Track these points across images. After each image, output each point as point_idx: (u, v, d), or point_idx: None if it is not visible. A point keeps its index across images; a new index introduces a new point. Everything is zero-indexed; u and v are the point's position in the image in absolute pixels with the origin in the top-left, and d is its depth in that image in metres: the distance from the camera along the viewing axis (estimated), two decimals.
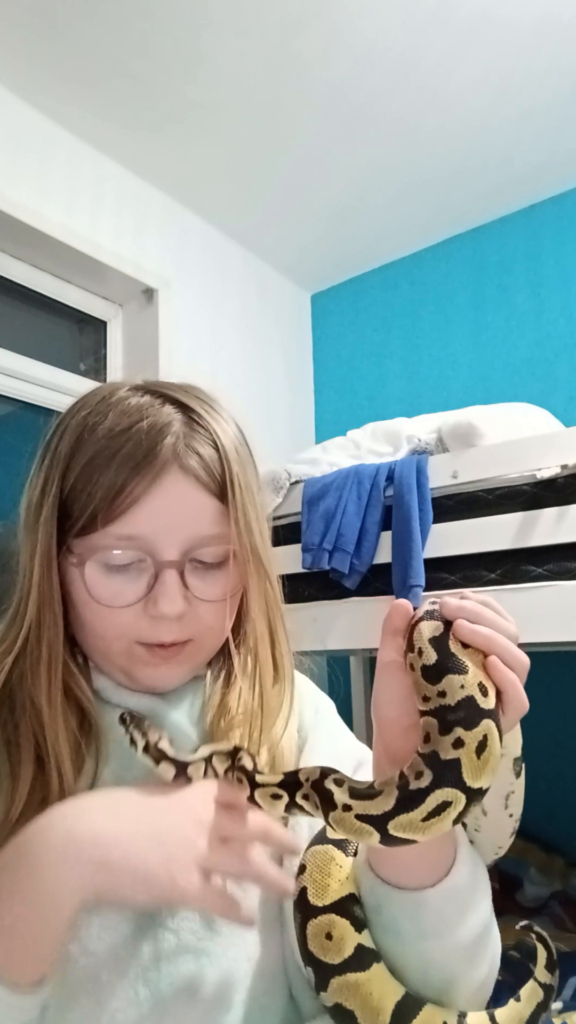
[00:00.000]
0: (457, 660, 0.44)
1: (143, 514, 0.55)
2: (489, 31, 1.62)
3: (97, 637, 0.59)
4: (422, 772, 0.42)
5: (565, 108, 1.87)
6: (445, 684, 0.43)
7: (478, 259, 2.34)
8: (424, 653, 0.45)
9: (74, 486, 0.57)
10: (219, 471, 0.58)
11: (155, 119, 1.87)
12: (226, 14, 1.56)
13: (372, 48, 1.66)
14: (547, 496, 1.32)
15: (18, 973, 0.43)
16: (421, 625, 0.47)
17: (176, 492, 0.56)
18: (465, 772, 0.42)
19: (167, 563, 0.56)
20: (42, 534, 0.57)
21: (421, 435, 1.61)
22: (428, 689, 0.44)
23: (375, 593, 1.50)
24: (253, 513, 0.60)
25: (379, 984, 0.50)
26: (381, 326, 2.55)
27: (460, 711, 0.42)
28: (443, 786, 0.42)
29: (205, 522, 0.58)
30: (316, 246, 2.46)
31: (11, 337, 1.88)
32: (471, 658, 0.44)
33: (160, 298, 2.09)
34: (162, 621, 0.57)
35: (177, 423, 0.58)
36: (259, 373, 2.44)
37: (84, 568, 0.56)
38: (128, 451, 0.56)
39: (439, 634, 0.46)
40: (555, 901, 1.72)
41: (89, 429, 0.58)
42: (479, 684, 0.43)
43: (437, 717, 0.43)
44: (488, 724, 0.43)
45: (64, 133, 1.89)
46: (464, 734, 0.42)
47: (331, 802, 0.45)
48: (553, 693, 1.99)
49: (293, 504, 1.67)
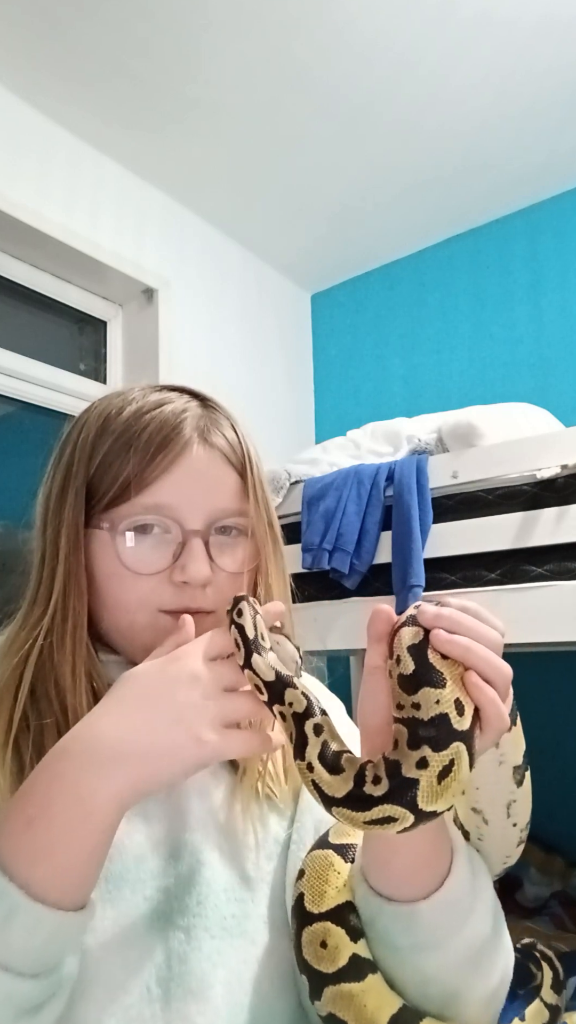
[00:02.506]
0: (435, 672, 0.42)
1: (170, 484, 0.58)
2: (489, 31, 1.62)
3: (121, 610, 0.60)
4: (380, 778, 0.41)
5: (565, 108, 1.86)
6: (421, 696, 0.42)
7: (478, 259, 2.34)
8: (402, 661, 0.43)
9: (100, 465, 0.59)
10: (239, 449, 0.63)
11: (155, 119, 1.87)
12: (226, 14, 1.56)
13: (372, 48, 1.66)
14: (547, 496, 1.32)
15: (64, 896, 0.43)
16: (402, 631, 0.45)
17: (201, 464, 0.60)
18: (421, 795, 0.40)
19: (193, 532, 0.59)
20: (69, 513, 0.59)
21: (421, 435, 1.61)
22: (403, 698, 0.43)
23: (375, 593, 1.50)
24: (267, 494, 0.65)
25: (375, 996, 0.49)
26: (381, 326, 2.55)
27: (431, 728, 0.41)
28: (394, 803, 0.40)
29: (227, 495, 0.61)
30: (316, 246, 2.46)
31: (11, 337, 1.88)
32: (450, 670, 0.42)
33: (160, 298, 2.09)
34: (186, 589, 0.58)
35: (196, 407, 0.63)
36: (259, 373, 2.44)
37: (116, 533, 0.58)
38: (155, 427, 0.59)
39: (418, 642, 0.44)
40: (555, 901, 1.72)
41: (112, 417, 0.61)
42: (456, 701, 0.41)
43: (408, 728, 0.42)
44: (458, 748, 0.41)
45: (64, 133, 1.89)
46: (431, 755, 0.40)
47: (301, 750, 0.44)
48: (553, 693, 1.99)
49: (293, 504, 1.67)
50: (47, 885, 0.42)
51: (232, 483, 0.62)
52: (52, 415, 1.95)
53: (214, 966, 0.52)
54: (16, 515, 0.66)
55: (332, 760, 0.44)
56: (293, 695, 0.46)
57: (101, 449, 0.60)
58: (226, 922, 0.54)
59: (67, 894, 0.43)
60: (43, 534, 0.62)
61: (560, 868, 1.84)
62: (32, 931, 0.41)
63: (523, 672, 1.88)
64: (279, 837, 0.61)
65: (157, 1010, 0.50)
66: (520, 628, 1.30)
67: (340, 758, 0.44)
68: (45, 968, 0.43)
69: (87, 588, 0.60)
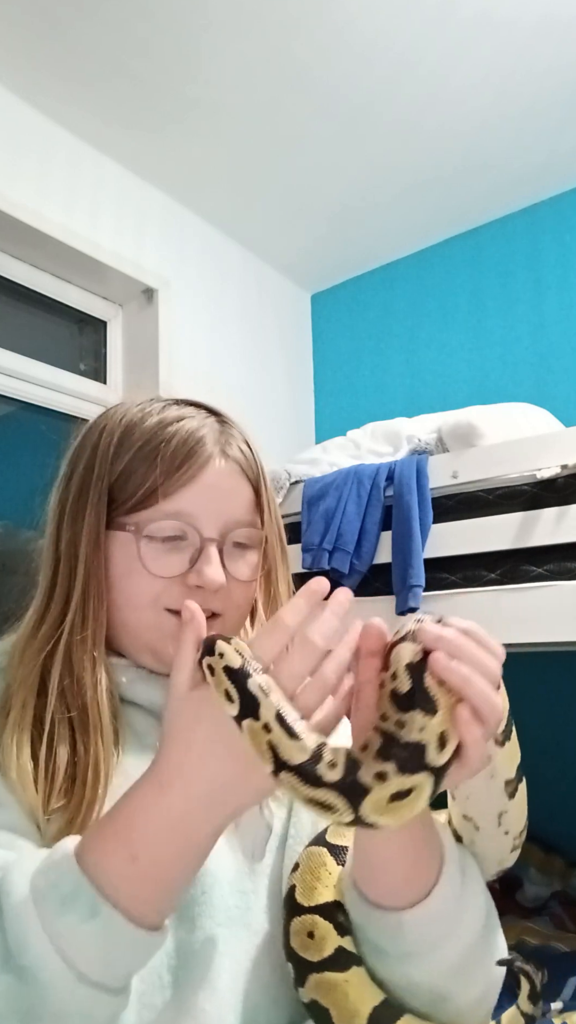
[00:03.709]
0: (428, 698, 0.41)
1: (193, 494, 0.62)
2: (489, 31, 1.62)
3: (132, 607, 0.62)
4: (336, 765, 0.40)
5: (565, 108, 1.86)
6: (408, 718, 0.40)
7: (478, 259, 2.34)
8: (398, 678, 0.42)
9: (124, 470, 0.62)
10: (254, 464, 0.67)
11: (155, 119, 1.87)
12: (226, 14, 1.56)
13: (372, 48, 1.66)
14: (547, 496, 1.32)
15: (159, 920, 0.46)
16: (402, 647, 0.43)
17: (221, 476, 0.64)
18: (366, 805, 0.39)
19: (210, 539, 0.62)
20: (91, 515, 0.62)
21: (421, 435, 1.61)
22: (391, 711, 0.42)
23: (375, 593, 1.50)
24: (276, 506, 0.69)
25: (357, 987, 0.50)
26: (381, 326, 2.55)
27: (405, 752, 0.40)
28: (341, 795, 0.39)
29: (242, 507, 0.65)
30: (316, 246, 2.46)
31: (11, 337, 1.88)
32: (444, 698, 0.41)
33: (160, 298, 2.09)
34: (198, 592, 0.61)
35: (214, 423, 0.66)
36: (259, 373, 2.44)
37: (140, 536, 0.61)
38: (181, 439, 0.62)
39: (417, 661, 0.42)
40: (555, 901, 1.72)
41: (135, 425, 0.64)
42: (440, 735, 0.40)
43: (383, 740, 0.41)
44: (422, 780, 0.39)
45: (64, 133, 1.89)
46: (392, 773, 0.39)
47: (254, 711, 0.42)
48: (553, 693, 1.99)
49: (293, 504, 1.67)
50: (147, 911, 0.44)
51: (247, 496, 0.65)
52: (52, 415, 1.94)
53: (220, 955, 0.54)
54: (16, 515, 0.67)
55: (290, 722, 0.42)
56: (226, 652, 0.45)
57: (125, 455, 0.62)
58: (231, 912, 0.56)
59: (162, 917, 0.46)
60: (58, 534, 0.64)
61: (560, 868, 1.84)
62: (134, 955, 0.44)
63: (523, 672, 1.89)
64: (277, 830, 0.62)
65: (168, 997, 0.52)
66: (520, 628, 1.30)
67: (299, 723, 0.42)
68: (127, 983, 0.46)
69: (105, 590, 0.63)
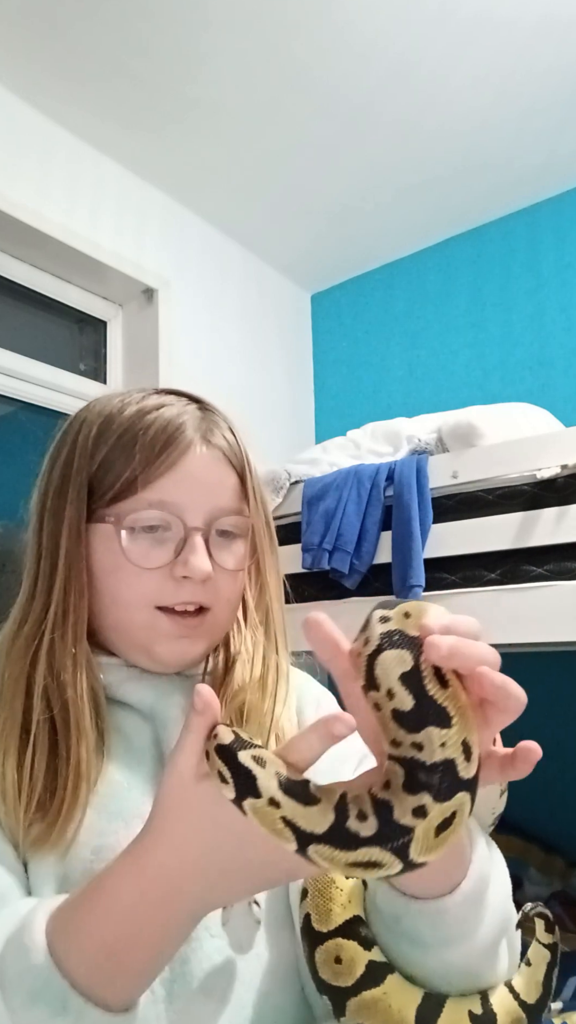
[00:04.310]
0: (439, 709, 0.37)
1: (174, 482, 0.60)
2: (489, 31, 1.62)
3: (120, 607, 0.60)
4: (367, 816, 0.36)
5: (565, 108, 1.86)
6: (423, 737, 0.36)
7: (478, 259, 2.34)
8: (395, 696, 0.37)
9: (104, 462, 0.60)
10: (238, 451, 0.64)
11: (155, 119, 1.87)
12: (226, 14, 1.56)
13: (372, 48, 1.66)
14: (547, 496, 1.32)
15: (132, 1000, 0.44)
16: (385, 659, 0.38)
17: (204, 463, 0.61)
18: (415, 847, 0.35)
19: (195, 528, 0.60)
20: (71, 509, 0.60)
21: (421, 435, 1.61)
22: (400, 735, 0.37)
23: (375, 593, 1.50)
24: (264, 494, 0.67)
25: (397, 995, 0.48)
26: (381, 326, 2.55)
27: (435, 775, 0.36)
28: (383, 847, 0.36)
29: (227, 494, 0.62)
30: (316, 246, 2.46)
31: (11, 337, 1.88)
32: (453, 702, 0.37)
33: (160, 298, 2.09)
34: (186, 584, 0.59)
35: (195, 410, 0.64)
36: (259, 373, 2.44)
37: (121, 526, 0.59)
38: (159, 426, 0.60)
39: (409, 670, 0.37)
40: (555, 901, 1.72)
41: (113, 416, 0.62)
42: (463, 743, 0.36)
43: (406, 769, 0.37)
44: (463, 798, 0.36)
45: (64, 133, 1.89)
46: (431, 805, 0.35)
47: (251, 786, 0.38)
48: (553, 693, 1.99)
49: (293, 504, 1.67)
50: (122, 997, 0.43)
51: (232, 483, 0.63)
52: (52, 415, 1.95)
53: (215, 966, 0.52)
54: (16, 515, 0.67)
55: (299, 788, 0.38)
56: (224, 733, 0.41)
57: (104, 447, 0.60)
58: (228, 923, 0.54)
59: (137, 997, 0.44)
60: (40, 529, 0.62)
61: (560, 868, 1.84)
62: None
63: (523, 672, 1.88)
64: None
65: (161, 1011, 0.50)
66: (520, 628, 1.29)
67: (308, 785, 0.38)
68: None
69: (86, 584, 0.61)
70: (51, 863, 0.53)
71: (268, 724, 0.61)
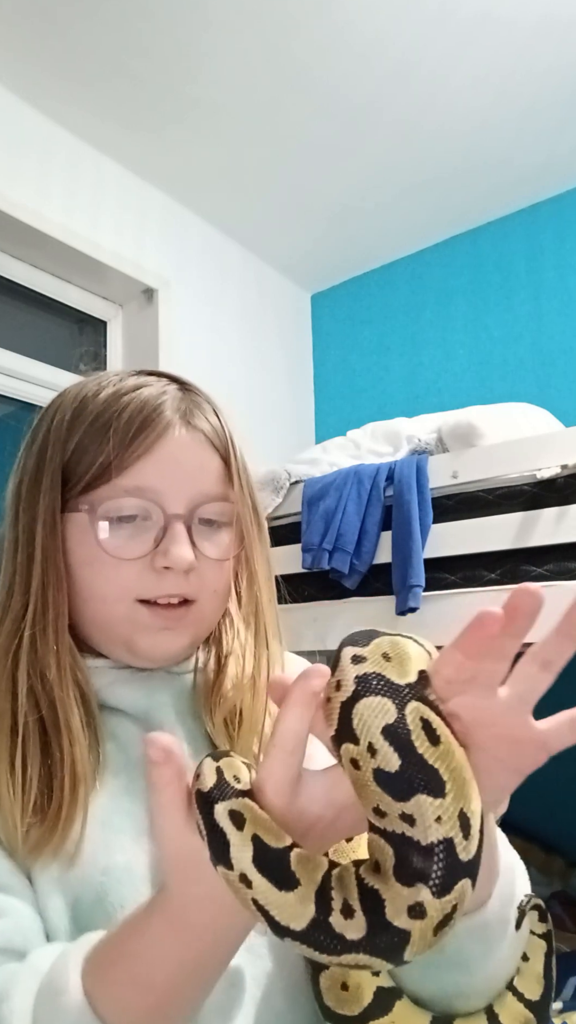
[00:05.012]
0: (430, 772, 0.31)
1: (151, 466, 0.56)
2: (489, 31, 1.62)
3: (99, 600, 0.57)
4: (353, 910, 0.31)
5: (565, 108, 1.87)
6: (414, 807, 0.31)
7: (478, 259, 2.34)
8: (378, 752, 0.32)
9: (77, 447, 0.57)
10: (222, 433, 0.60)
11: (155, 119, 1.87)
12: (226, 14, 1.56)
13: (372, 48, 1.66)
14: (547, 496, 1.32)
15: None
16: (363, 708, 0.33)
17: (183, 446, 0.57)
18: (410, 950, 0.30)
19: (175, 516, 0.56)
20: (45, 499, 0.56)
21: (421, 435, 1.61)
22: (386, 802, 0.31)
23: (375, 593, 1.50)
24: (250, 479, 0.62)
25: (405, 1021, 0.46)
26: (381, 326, 2.55)
27: (432, 861, 0.30)
28: (374, 955, 0.30)
29: (210, 479, 0.58)
30: (316, 246, 2.46)
31: (11, 337, 1.88)
32: (446, 762, 0.32)
33: (160, 298, 2.09)
34: (168, 575, 0.56)
35: (176, 391, 0.60)
36: (259, 373, 2.44)
37: (96, 515, 0.55)
38: (135, 407, 0.56)
39: (393, 722, 0.32)
40: (555, 901, 1.72)
41: (88, 399, 0.58)
42: (460, 815, 0.31)
43: (396, 850, 0.31)
44: (464, 887, 0.31)
45: (64, 133, 1.89)
46: (430, 902, 0.30)
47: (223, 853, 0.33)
48: (553, 693, 1.98)
49: (293, 504, 1.67)
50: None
51: (215, 467, 0.59)
52: None
53: (229, 984, 0.50)
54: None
55: (275, 865, 0.32)
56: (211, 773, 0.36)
57: (77, 432, 0.57)
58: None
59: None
60: (16, 521, 0.59)
61: (560, 868, 1.84)
62: None
63: None
64: None
65: None
66: None
67: (286, 860, 0.32)
68: None
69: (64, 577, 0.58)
70: (55, 873, 0.51)
71: (260, 725, 0.59)
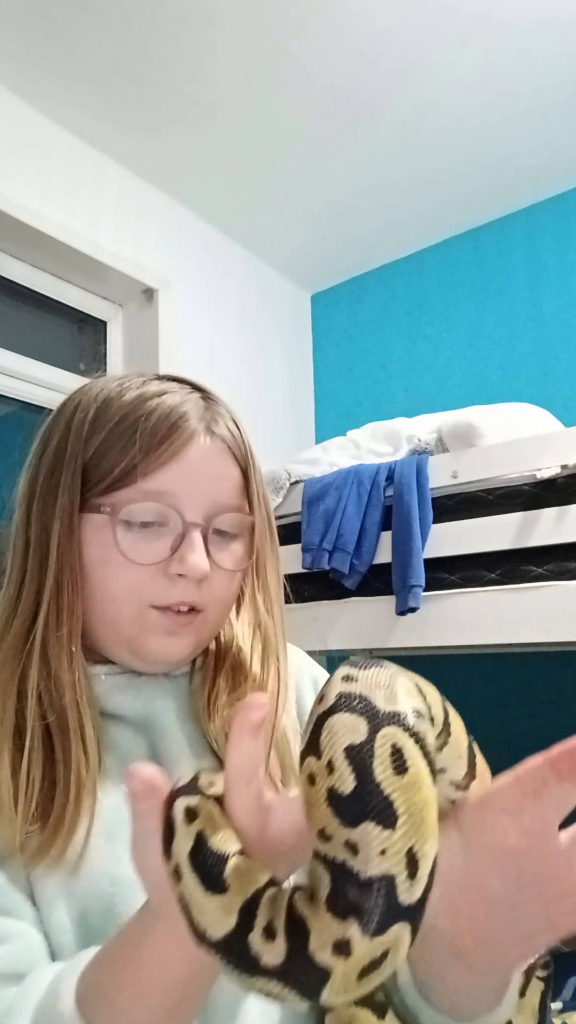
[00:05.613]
0: (383, 801, 0.28)
1: (175, 472, 0.56)
2: (489, 31, 1.62)
3: (109, 600, 0.56)
4: (275, 933, 0.28)
5: (565, 108, 1.87)
6: (359, 836, 0.28)
7: (478, 259, 2.34)
8: (335, 770, 0.29)
9: (100, 447, 0.56)
10: (242, 444, 0.61)
11: (155, 119, 1.87)
12: (226, 14, 1.56)
13: (372, 48, 1.66)
14: (547, 496, 1.32)
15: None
16: (334, 722, 0.30)
17: (206, 454, 0.58)
18: (329, 990, 0.27)
19: (193, 524, 0.56)
20: (64, 497, 0.56)
21: (421, 435, 1.61)
22: (333, 826, 0.28)
23: (375, 593, 1.50)
24: (265, 492, 0.63)
25: None
26: (381, 326, 2.55)
27: (368, 896, 0.27)
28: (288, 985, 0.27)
29: (228, 489, 0.59)
30: (316, 246, 2.46)
31: (11, 337, 1.88)
32: (406, 796, 0.28)
33: (160, 298, 2.09)
34: (180, 582, 0.56)
35: (199, 399, 0.60)
36: (259, 373, 2.44)
37: (117, 518, 0.55)
38: (162, 412, 0.57)
39: (359, 743, 0.29)
40: None
41: (112, 400, 0.58)
42: (409, 853, 0.28)
43: (333, 877, 0.28)
44: (399, 932, 0.27)
45: (64, 133, 1.89)
46: (359, 941, 0.27)
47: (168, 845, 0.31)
48: (553, 693, 1.99)
49: (293, 504, 1.67)
50: None
51: (234, 478, 0.59)
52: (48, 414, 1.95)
53: (238, 1000, 0.49)
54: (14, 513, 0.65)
55: (210, 864, 0.30)
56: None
57: (101, 431, 0.57)
58: None
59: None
60: (28, 518, 0.58)
61: None
62: None
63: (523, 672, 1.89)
64: None
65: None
66: (520, 628, 1.30)
67: (222, 863, 0.30)
68: None
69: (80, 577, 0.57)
70: (58, 884, 0.50)
71: (269, 735, 0.58)
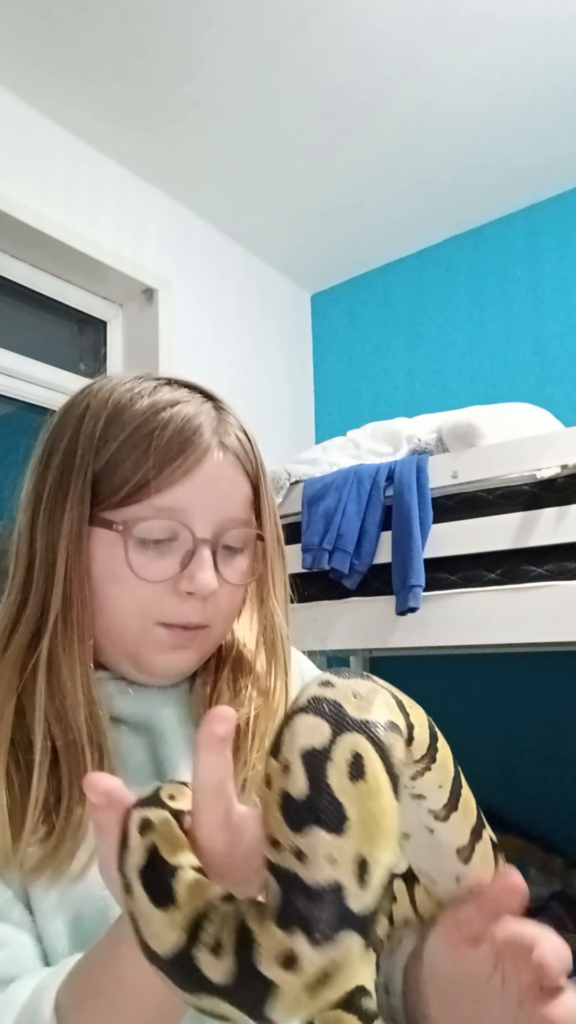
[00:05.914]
0: (333, 805, 0.27)
1: (188, 488, 0.55)
2: (489, 31, 1.62)
3: (116, 615, 0.56)
4: (221, 948, 0.26)
5: (565, 108, 1.86)
6: (306, 843, 0.26)
7: (478, 259, 2.34)
8: (290, 772, 0.28)
9: (112, 459, 0.55)
10: (253, 457, 0.60)
11: (155, 119, 1.87)
12: (226, 14, 1.56)
13: (372, 48, 1.66)
14: (547, 496, 1.32)
15: None
16: (297, 723, 0.30)
17: (219, 470, 0.56)
18: (278, 1004, 0.25)
19: (203, 540, 0.55)
20: (72, 509, 0.55)
21: (421, 435, 1.61)
22: (283, 832, 0.27)
23: (375, 593, 1.50)
24: (274, 504, 0.62)
25: None
26: (381, 326, 2.55)
27: (316, 905, 0.25)
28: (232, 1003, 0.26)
29: (238, 504, 0.58)
30: (316, 246, 2.46)
31: (11, 337, 1.88)
32: (359, 805, 0.27)
33: (160, 298, 2.09)
34: (190, 599, 0.55)
35: (211, 409, 0.59)
36: (259, 373, 2.44)
37: (129, 535, 0.54)
38: (176, 426, 0.55)
39: (317, 745, 0.28)
40: (555, 901, 1.72)
41: (123, 407, 0.56)
42: (358, 860, 0.26)
43: (281, 887, 0.27)
44: (351, 942, 0.26)
45: (64, 133, 1.89)
46: (305, 952, 0.25)
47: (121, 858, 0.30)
48: (553, 693, 1.99)
49: (293, 504, 1.67)
50: None
51: (244, 492, 0.58)
52: (52, 415, 1.95)
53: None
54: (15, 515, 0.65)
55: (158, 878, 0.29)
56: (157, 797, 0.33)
57: (113, 441, 0.55)
58: None
59: None
60: (33, 525, 0.57)
61: (560, 868, 1.84)
62: None
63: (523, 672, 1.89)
64: None
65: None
66: (520, 628, 1.30)
67: (171, 877, 0.29)
68: None
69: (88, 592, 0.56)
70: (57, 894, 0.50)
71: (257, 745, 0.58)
